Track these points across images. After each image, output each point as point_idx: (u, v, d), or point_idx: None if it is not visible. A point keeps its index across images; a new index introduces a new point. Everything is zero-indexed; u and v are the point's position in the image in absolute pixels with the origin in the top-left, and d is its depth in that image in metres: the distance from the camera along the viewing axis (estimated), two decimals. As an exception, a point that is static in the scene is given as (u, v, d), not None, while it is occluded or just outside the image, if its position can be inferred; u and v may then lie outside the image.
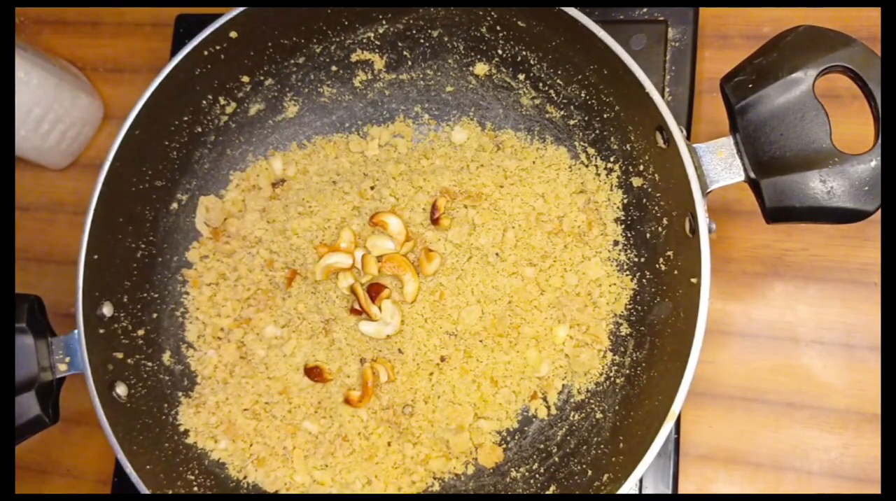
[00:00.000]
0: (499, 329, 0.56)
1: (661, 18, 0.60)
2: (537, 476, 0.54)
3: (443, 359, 0.56)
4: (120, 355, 0.55)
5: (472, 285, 0.57)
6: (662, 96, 0.54)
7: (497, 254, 0.57)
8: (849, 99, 0.46)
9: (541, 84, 0.58)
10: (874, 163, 0.43)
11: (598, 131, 0.57)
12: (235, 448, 0.57)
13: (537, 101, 0.59)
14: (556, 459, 0.54)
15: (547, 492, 0.52)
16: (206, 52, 0.55)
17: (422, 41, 0.60)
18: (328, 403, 0.57)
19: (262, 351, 0.59)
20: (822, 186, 0.43)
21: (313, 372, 0.57)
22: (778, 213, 0.45)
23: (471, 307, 0.56)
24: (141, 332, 0.58)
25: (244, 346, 0.60)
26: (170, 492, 0.52)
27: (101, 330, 0.54)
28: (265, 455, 0.57)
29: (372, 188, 0.60)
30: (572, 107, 0.57)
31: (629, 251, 0.56)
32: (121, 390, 0.54)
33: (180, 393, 0.59)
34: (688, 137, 0.51)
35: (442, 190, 0.58)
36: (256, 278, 0.60)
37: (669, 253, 0.51)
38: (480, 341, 0.56)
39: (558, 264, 0.57)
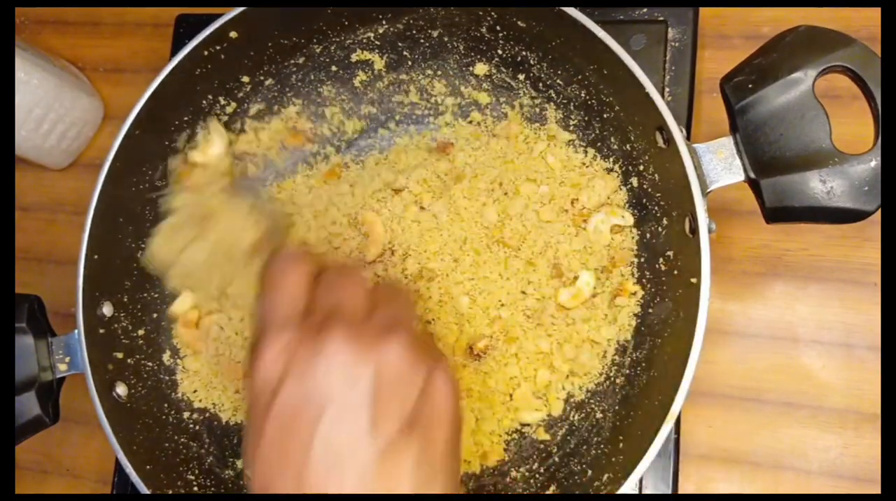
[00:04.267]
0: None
1: (661, 18, 0.60)
2: (537, 475, 0.54)
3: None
4: (120, 355, 0.55)
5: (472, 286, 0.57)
6: (662, 96, 0.54)
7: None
8: (849, 99, 0.46)
9: (541, 84, 0.58)
10: (874, 163, 0.43)
11: (597, 131, 0.57)
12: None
13: (537, 101, 0.59)
14: (556, 459, 0.54)
15: (547, 492, 0.52)
16: (206, 53, 0.55)
17: (422, 41, 0.60)
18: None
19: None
20: (822, 186, 0.43)
21: None
22: (778, 213, 0.45)
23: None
24: (141, 332, 0.58)
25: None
26: (170, 492, 0.52)
27: (102, 330, 0.54)
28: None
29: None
30: (572, 107, 0.57)
31: (629, 251, 0.56)
32: (121, 390, 0.54)
33: (181, 393, 0.59)
34: (688, 137, 0.51)
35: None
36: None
37: (669, 253, 0.51)
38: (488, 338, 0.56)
39: (558, 264, 0.57)
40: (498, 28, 0.56)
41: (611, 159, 0.56)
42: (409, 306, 0.40)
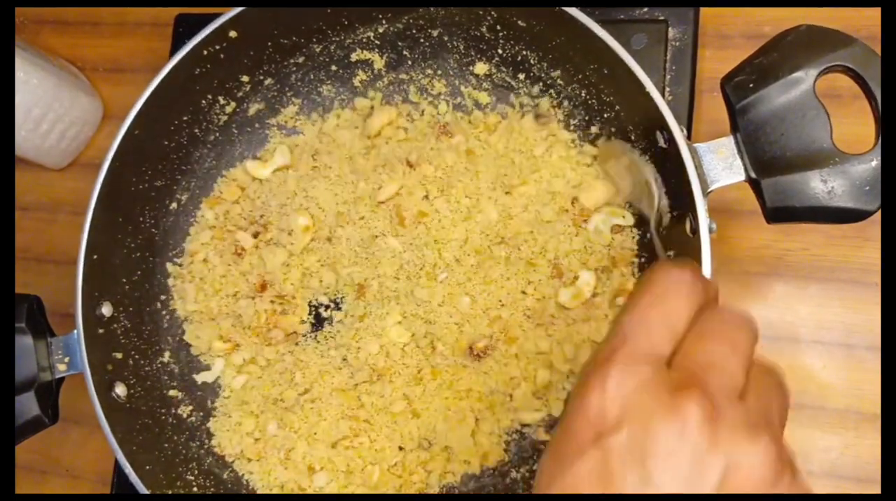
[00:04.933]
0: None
1: (662, 18, 0.60)
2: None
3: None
4: (119, 355, 0.55)
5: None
6: (663, 96, 0.53)
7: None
8: (849, 98, 0.46)
9: (541, 84, 0.58)
10: (875, 162, 0.43)
11: (598, 131, 0.56)
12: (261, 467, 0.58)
13: (537, 101, 0.59)
14: (557, 459, 0.54)
15: (547, 492, 0.52)
16: (205, 52, 0.55)
17: (422, 41, 0.60)
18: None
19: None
20: (823, 186, 0.43)
21: None
22: (778, 213, 0.45)
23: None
24: (140, 332, 0.58)
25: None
26: (169, 492, 0.52)
27: (101, 330, 0.54)
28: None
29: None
30: (573, 107, 0.57)
31: (629, 251, 0.56)
32: (120, 390, 0.54)
33: (180, 394, 0.59)
34: (688, 137, 0.51)
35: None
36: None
37: (670, 253, 0.51)
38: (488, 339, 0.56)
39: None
40: (498, 27, 0.56)
41: (611, 159, 0.56)
42: (785, 402, 0.33)
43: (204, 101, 0.59)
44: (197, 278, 0.60)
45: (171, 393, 0.58)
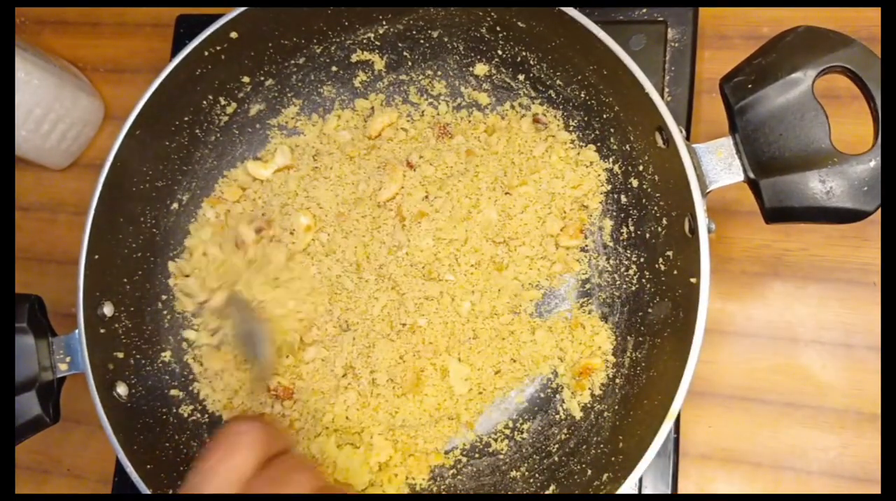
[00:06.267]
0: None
1: (661, 19, 0.60)
2: (537, 475, 0.54)
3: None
4: (121, 355, 0.55)
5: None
6: (662, 96, 0.54)
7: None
8: (848, 99, 0.46)
9: (540, 84, 0.58)
10: (873, 163, 0.43)
11: (597, 131, 0.57)
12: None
13: (537, 102, 0.59)
14: (556, 458, 0.54)
15: (546, 492, 0.52)
16: (206, 53, 0.55)
17: (422, 42, 0.60)
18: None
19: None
20: (822, 186, 0.43)
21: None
22: (777, 214, 0.45)
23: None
24: (141, 332, 0.58)
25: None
26: (170, 492, 0.52)
27: (102, 330, 0.54)
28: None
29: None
30: (572, 108, 0.58)
31: (629, 251, 0.56)
32: (121, 390, 0.54)
33: (181, 393, 0.59)
34: (687, 137, 0.51)
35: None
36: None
37: (669, 253, 0.51)
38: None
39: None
40: (498, 28, 0.56)
41: (611, 159, 0.56)
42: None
43: (205, 102, 0.59)
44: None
45: (173, 392, 0.59)
